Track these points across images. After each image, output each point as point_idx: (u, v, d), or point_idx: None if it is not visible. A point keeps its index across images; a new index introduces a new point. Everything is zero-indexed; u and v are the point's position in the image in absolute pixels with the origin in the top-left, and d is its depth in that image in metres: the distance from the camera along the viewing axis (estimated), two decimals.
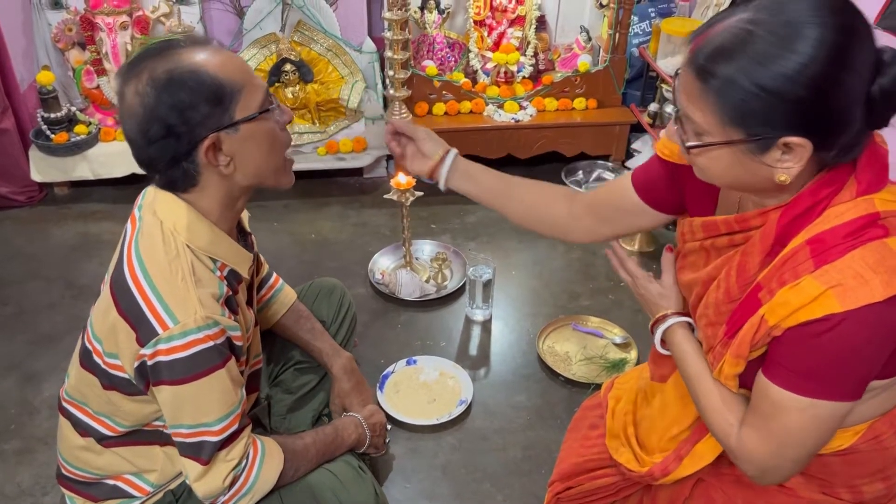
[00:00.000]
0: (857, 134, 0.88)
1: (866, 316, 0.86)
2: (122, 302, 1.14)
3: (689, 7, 2.99)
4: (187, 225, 1.16)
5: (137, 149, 1.13)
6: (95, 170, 2.82)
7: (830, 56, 0.81)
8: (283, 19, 2.94)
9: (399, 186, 2.19)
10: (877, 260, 0.86)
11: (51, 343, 2.18)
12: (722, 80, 0.85)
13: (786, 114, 0.84)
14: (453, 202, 2.87)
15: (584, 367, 2.07)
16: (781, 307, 0.90)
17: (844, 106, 0.84)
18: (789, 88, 0.82)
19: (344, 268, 2.49)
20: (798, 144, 0.86)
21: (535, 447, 1.84)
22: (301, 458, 1.35)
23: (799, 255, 0.91)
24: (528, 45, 2.93)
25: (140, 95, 1.08)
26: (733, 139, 0.88)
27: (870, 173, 0.92)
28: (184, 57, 1.09)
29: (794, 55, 0.81)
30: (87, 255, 2.59)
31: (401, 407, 1.91)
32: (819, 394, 0.92)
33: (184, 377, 1.14)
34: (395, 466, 1.79)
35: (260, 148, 1.16)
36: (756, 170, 0.90)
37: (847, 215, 0.90)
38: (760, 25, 0.83)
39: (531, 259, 2.57)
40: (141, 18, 2.85)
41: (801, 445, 0.96)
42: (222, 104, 1.10)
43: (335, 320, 1.72)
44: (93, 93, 2.89)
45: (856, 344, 0.88)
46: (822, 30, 0.81)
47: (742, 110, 0.85)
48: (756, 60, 0.83)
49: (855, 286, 0.86)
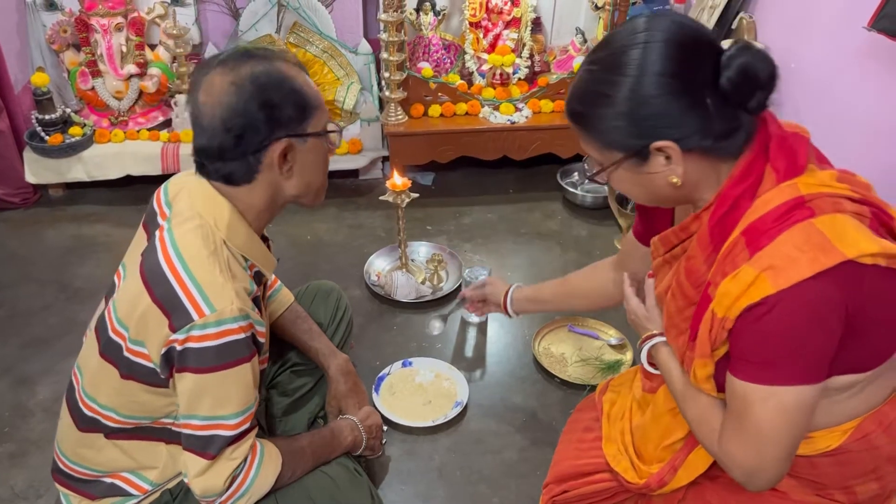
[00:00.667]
0: (726, 120, 0.96)
1: (798, 294, 0.90)
2: (157, 288, 1.15)
3: (685, 10, 2.99)
4: (228, 223, 1.21)
5: (210, 136, 1.17)
6: (90, 171, 2.81)
7: (658, 69, 0.94)
8: (278, 21, 2.93)
9: (394, 188, 2.19)
10: (803, 239, 0.92)
11: (44, 346, 2.17)
12: (584, 117, 1.02)
13: (642, 126, 0.97)
14: (449, 204, 2.87)
15: (580, 368, 2.07)
16: (724, 297, 0.96)
17: (688, 105, 0.95)
18: (637, 107, 0.96)
19: (339, 269, 2.49)
20: (666, 146, 0.97)
21: (530, 449, 1.84)
22: (298, 460, 1.35)
23: (736, 247, 0.97)
24: (523, 46, 2.93)
25: (236, 86, 1.14)
26: (616, 160, 1.02)
27: (783, 160, 0.99)
28: (282, 65, 1.19)
29: (628, 78, 0.96)
30: (82, 257, 2.58)
31: (396, 409, 1.91)
32: (774, 379, 0.94)
33: (210, 366, 1.15)
34: (391, 468, 1.78)
35: (316, 164, 1.26)
36: (653, 180, 1.02)
37: (774, 202, 0.96)
38: (596, 63, 1.01)
39: (527, 261, 2.57)
40: (136, 20, 2.85)
41: (777, 441, 0.96)
42: (304, 113, 1.20)
43: (332, 323, 1.73)
44: (87, 94, 2.88)
45: (795, 323, 0.92)
46: (644, 49, 0.95)
47: (609, 135, 1.01)
48: (598, 93, 0.99)
49: (784, 266, 0.91)
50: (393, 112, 2.75)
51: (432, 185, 3.00)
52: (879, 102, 1.99)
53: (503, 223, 2.77)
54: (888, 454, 1.07)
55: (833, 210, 0.95)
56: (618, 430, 1.34)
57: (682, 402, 1.11)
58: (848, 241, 0.91)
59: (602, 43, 1.02)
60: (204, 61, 1.22)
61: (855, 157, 2.12)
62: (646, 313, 1.23)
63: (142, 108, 2.94)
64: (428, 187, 2.99)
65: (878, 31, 1.74)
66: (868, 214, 0.98)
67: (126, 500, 1.33)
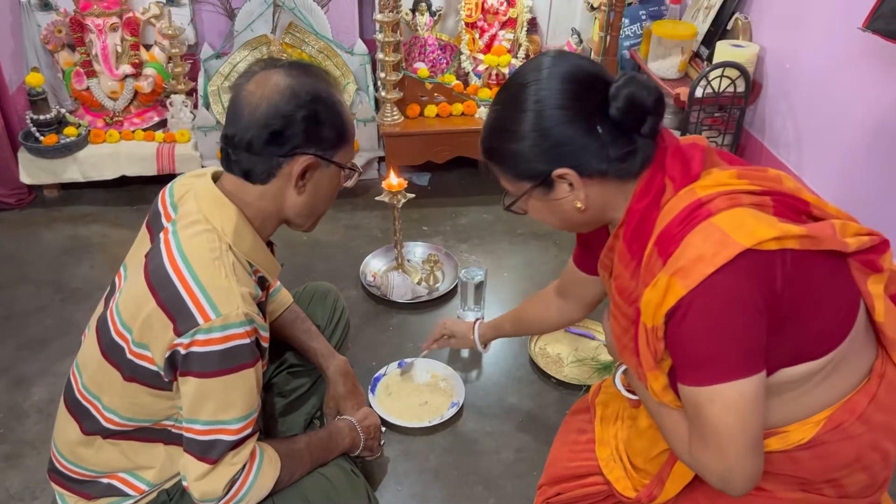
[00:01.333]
0: (620, 145, 1.03)
1: (707, 290, 0.94)
2: (162, 292, 1.15)
3: (680, 10, 3.00)
4: (235, 229, 1.22)
5: (245, 127, 1.18)
6: (85, 172, 2.81)
7: (548, 103, 1.02)
8: (274, 21, 2.93)
9: (391, 188, 2.19)
10: (703, 238, 0.96)
11: (41, 347, 2.17)
12: (494, 152, 1.11)
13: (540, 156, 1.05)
14: (445, 204, 2.87)
15: (576, 368, 2.07)
16: (647, 307, 1.00)
17: (579, 134, 1.03)
18: (532, 139, 1.04)
19: (335, 270, 2.48)
20: (566, 174, 1.05)
21: (527, 449, 1.84)
22: (296, 463, 1.35)
23: (651, 257, 1.02)
24: (519, 47, 2.93)
25: (293, 89, 1.17)
26: (524, 190, 1.10)
27: (677, 169, 1.05)
28: (340, 95, 1.25)
29: (522, 113, 1.04)
30: (78, 258, 2.57)
31: (393, 410, 1.91)
32: (712, 378, 0.96)
33: (214, 370, 1.15)
34: (387, 469, 1.78)
35: (328, 191, 1.29)
36: (561, 206, 1.09)
37: (676, 208, 1.01)
38: (499, 103, 1.10)
39: (523, 261, 2.57)
40: (131, 20, 2.84)
41: (733, 438, 0.97)
42: (338, 142, 1.24)
43: (329, 324, 1.73)
44: (82, 94, 2.88)
45: (712, 318, 0.95)
46: (535, 86, 1.04)
47: (515, 168, 1.09)
48: (505, 129, 1.07)
49: (690, 266, 0.95)
50: (389, 112, 2.75)
51: (428, 186, 3.00)
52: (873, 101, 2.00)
53: (499, 223, 2.77)
54: (870, 442, 1.07)
55: (730, 205, 0.99)
56: (611, 434, 1.35)
57: (657, 420, 1.14)
58: (745, 231, 0.95)
59: (505, 84, 1.12)
60: (269, 60, 1.24)
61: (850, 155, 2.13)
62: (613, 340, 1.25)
63: (137, 108, 2.93)
64: (424, 188, 2.99)
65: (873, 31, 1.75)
66: (770, 203, 1.02)
67: (123, 501, 1.33)
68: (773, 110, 2.52)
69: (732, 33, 2.67)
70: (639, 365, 1.08)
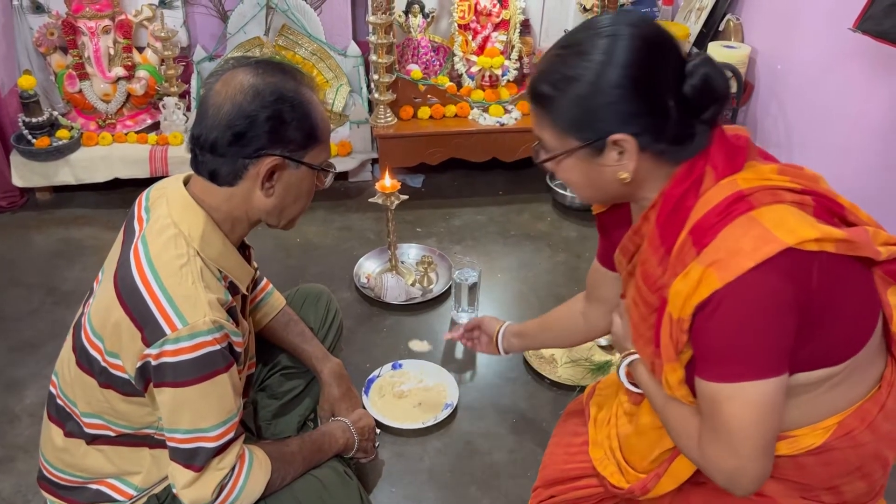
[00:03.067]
0: (682, 126, 0.99)
1: (745, 285, 0.91)
2: (129, 301, 1.14)
3: (672, 11, 3.01)
4: (202, 234, 1.20)
5: (210, 127, 1.16)
6: (78, 175, 2.80)
7: (636, 62, 0.96)
8: (267, 23, 2.93)
9: (384, 190, 2.19)
10: (744, 231, 0.93)
11: (32, 350, 2.16)
12: (553, 101, 1.01)
13: (606, 116, 0.98)
14: (439, 206, 2.87)
15: (570, 369, 2.07)
16: (676, 298, 0.97)
17: (655, 104, 0.97)
18: (606, 96, 0.96)
19: (329, 272, 2.48)
20: (624, 140, 0.98)
21: (520, 450, 1.84)
22: (288, 465, 1.34)
23: (685, 247, 0.98)
24: (512, 48, 2.93)
25: (256, 88, 1.15)
26: (571, 147, 1.02)
27: (722, 158, 1.01)
28: (308, 92, 1.20)
29: (606, 67, 0.96)
30: (70, 261, 2.56)
31: (386, 411, 1.91)
32: (736, 376, 0.95)
33: (187, 379, 1.14)
34: (381, 471, 1.78)
35: (299, 194, 1.25)
36: (602, 173, 1.03)
37: (715, 199, 0.97)
38: (567, 47, 1.01)
39: (517, 262, 2.57)
40: (123, 22, 2.84)
41: (748, 437, 0.95)
42: (307, 142, 1.20)
43: (322, 327, 1.72)
44: (75, 97, 2.87)
45: (746, 314, 0.92)
46: (628, 41, 0.96)
47: (573, 122, 1.00)
48: (565, 76, 0.99)
49: (728, 259, 0.92)
50: (382, 114, 2.75)
51: (422, 187, 3.00)
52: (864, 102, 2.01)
53: (493, 225, 2.77)
54: (873, 451, 1.07)
55: (772, 201, 0.97)
56: (604, 435, 1.35)
57: (663, 415, 1.12)
58: (787, 228, 0.92)
59: (574, 30, 1.03)
60: (240, 58, 1.22)
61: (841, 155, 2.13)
62: (622, 332, 1.23)
63: (129, 110, 2.92)
64: (417, 189, 2.99)
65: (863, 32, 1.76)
66: (811, 203, 1.00)
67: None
68: (765, 111, 2.53)
69: (724, 34, 2.68)
70: (656, 356, 1.05)
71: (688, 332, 0.98)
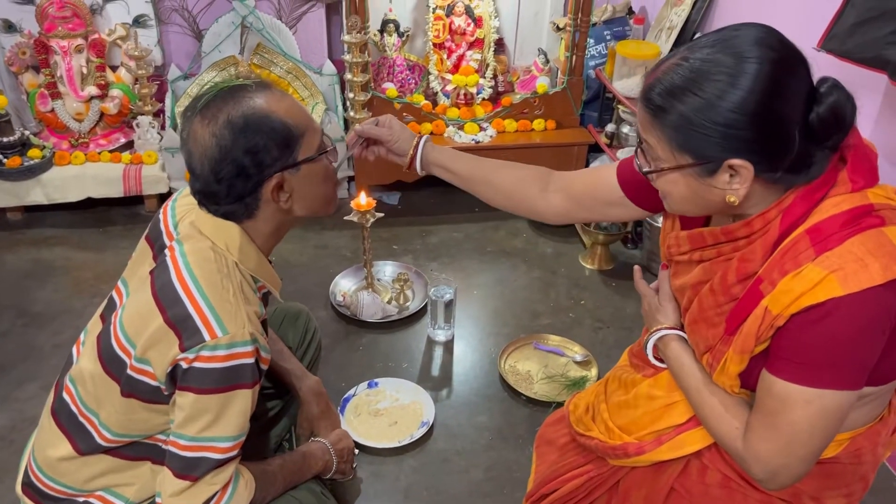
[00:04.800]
0: (804, 154, 0.94)
1: (866, 299, 0.89)
2: (171, 309, 1.15)
3: (643, 30, 3.05)
4: (240, 246, 1.22)
5: (204, 183, 1.18)
6: (50, 194, 2.77)
7: (767, 89, 0.90)
8: (242, 42, 2.93)
9: (360, 208, 2.19)
10: (875, 246, 0.91)
11: (2, 373, 2.12)
12: (672, 114, 0.95)
13: (728, 140, 0.92)
14: (415, 223, 2.88)
15: (546, 385, 2.07)
16: (784, 295, 0.93)
17: (780, 133, 0.92)
18: (731, 119, 0.91)
19: (304, 290, 2.47)
20: (741, 166, 0.93)
21: (497, 468, 1.84)
22: (269, 485, 1.33)
23: (799, 245, 0.95)
24: (487, 67, 2.96)
25: (216, 137, 1.14)
26: (683, 164, 0.97)
27: (863, 170, 0.98)
28: (256, 101, 1.16)
29: (735, 90, 0.90)
30: (41, 281, 2.53)
31: (362, 430, 1.89)
32: (824, 382, 0.94)
33: (212, 387, 1.14)
34: (358, 490, 1.77)
35: (316, 184, 1.25)
36: (709, 192, 0.98)
37: (843, 206, 0.95)
38: (704, 63, 0.93)
39: (493, 279, 2.58)
40: (97, 41, 2.82)
41: (809, 441, 0.96)
42: (289, 147, 1.18)
43: (301, 346, 1.71)
44: (47, 116, 2.85)
45: (857, 327, 0.91)
46: (760, 65, 0.90)
47: (690, 139, 0.95)
48: (701, 96, 0.92)
49: (856, 270, 0.90)
50: None
51: (398, 205, 3.01)
52: None
53: (469, 242, 2.78)
54: (864, 473, 1.10)
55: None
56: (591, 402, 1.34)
57: (696, 397, 1.10)
58: None
59: (714, 40, 0.95)
60: (188, 106, 1.20)
61: None
62: (658, 306, 1.22)
63: (103, 129, 2.90)
64: (394, 207, 2.99)
65: (827, 51, 1.79)
66: None
67: None
68: None
69: None
70: (724, 342, 1.04)
71: (777, 328, 0.96)
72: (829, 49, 1.80)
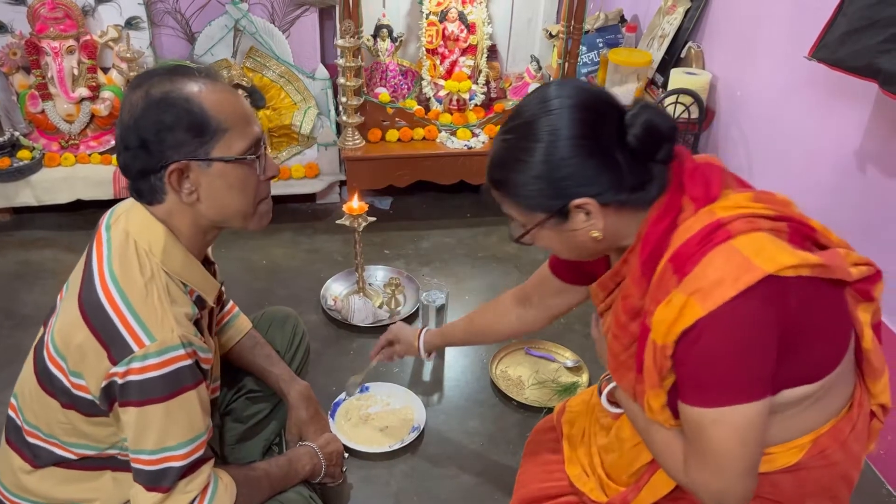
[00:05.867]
0: (638, 173, 1.02)
1: (727, 313, 0.93)
2: (95, 320, 1.12)
3: (636, 38, 3.07)
4: (163, 248, 1.18)
5: (117, 152, 1.17)
6: (39, 196, 2.75)
7: (572, 132, 1.00)
8: (234, 45, 2.93)
9: (352, 212, 2.18)
10: (725, 260, 0.95)
11: None
12: (509, 184, 1.06)
13: (561, 187, 1.02)
14: (407, 228, 2.88)
15: (537, 391, 2.07)
16: (661, 325, 0.99)
17: (603, 163, 1.01)
18: (554, 169, 1.01)
19: (295, 295, 2.46)
20: (585, 203, 1.02)
21: (488, 473, 1.83)
22: (254, 490, 1.32)
23: (665, 274, 1.00)
24: (479, 73, 2.97)
25: (132, 105, 1.12)
26: (539, 220, 1.06)
27: (699, 189, 1.04)
28: (186, 84, 1.13)
29: (544, 143, 1.01)
30: (29, 284, 2.51)
31: (352, 435, 1.89)
32: (720, 401, 0.97)
33: (155, 397, 1.12)
34: (348, 495, 1.76)
35: (229, 189, 1.18)
36: (575, 236, 1.07)
37: (694, 227, 1.00)
38: (511, 132, 1.06)
39: (484, 284, 2.58)
40: (88, 43, 2.81)
41: (735, 459, 0.98)
42: (201, 137, 1.13)
43: (289, 350, 1.70)
44: (37, 117, 2.83)
45: (730, 341, 0.95)
46: (559, 114, 1.01)
47: (532, 198, 1.05)
48: (522, 159, 1.03)
49: (710, 287, 0.94)
50: (350, 137, 2.75)
51: (390, 210, 3.01)
52: (820, 129, 2.06)
53: (461, 247, 2.78)
54: (843, 472, 1.09)
55: (750, 229, 0.99)
56: (583, 452, 1.35)
57: (646, 437, 1.13)
58: (766, 256, 0.94)
59: (514, 113, 1.08)
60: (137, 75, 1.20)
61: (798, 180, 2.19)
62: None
63: (94, 131, 2.89)
64: (386, 212, 2.99)
65: (818, 60, 1.81)
66: (785, 230, 1.03)
67: None
68: (726, 136, 2.59)
69: (686, 61, 2.74)
70: (638, 382, 1.07)
71: (671, 357, 1.00)
72: (819, 58, 1.81)
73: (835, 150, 2.00)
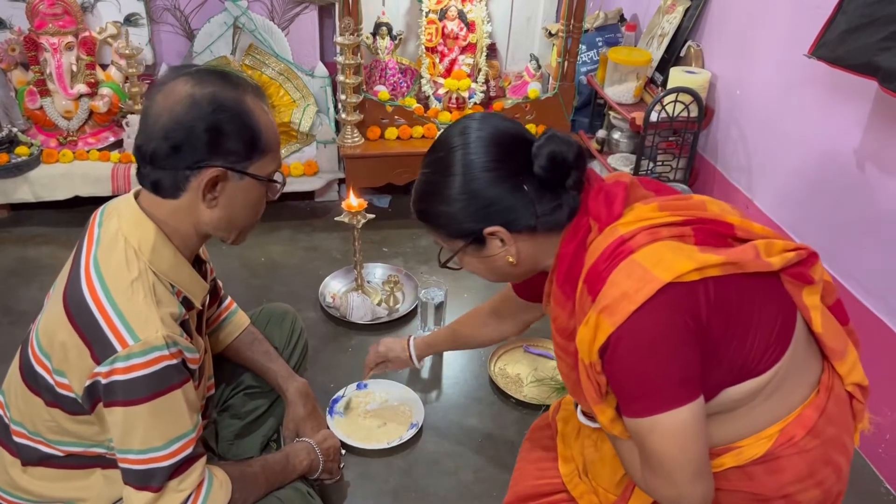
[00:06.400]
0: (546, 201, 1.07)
1: (634, 326, 0.97)
2: (79, 318, 1.11)
3: (635, 37, 3.07)
4: (153, 247, 1.17)
5: (148, 138, 1.13)
6: (37, 192, 2.74)
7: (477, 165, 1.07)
8: (234, 42, 2.93)
9: (350, 209, 2.18)
10: (626, 274, 0.99)
11: None
12: (430, 215, 1.14)
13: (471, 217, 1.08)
14: (406, 226, 2.87)
15: (536, 388, 2.07)
16: (583, 344, 1.03)
17: (507, 192, 1.07)
18: (463, 200, 1.08)
19: (294, 292, 2.46)
20: (496, 231, 1.09)
21: (486, 470, 1.83)
22: (250, 486, 1.31)
23: (582, 295, 1.05)
24: (479, 71, 2.97)
25: (193, 100, 1.11)
26: (459, 247, 1.14)
27: (601, 210, 1.08)
28: (250, 98, 1.17)
29: (453, 177, 1.08)
30: (26, 280, 2.50)
31: (351, 431, 1.88)
32: (649, 410, 0.99)
33: (140, 397, 1.11)
34: (346, 492, 1.76)
35: (247, 204, 1.22)
36: (494, 261, 1.14)
37: (601, 246, 1.04)
38: (428, 167, 1.13)
39: (482, 282, 2.55)
40: (87, 39, 2.81)
41: (680, 463, 0.99)
42: (250, 153, 1.17)
43: (287, 347, 1.70)
44: (35, 114, 2.82)
45: (641, 352, 0.97)
46: (464, 149, 1.08)
47: (450, 227, 1.12)
48: (437, 192, 1.11)
49: (615, 302, 0.98)
50: (349, 134, 2.75)
51: (389, 208, 3.00)
52: (820, 127, 2.07)
53: None
54: (822, 457, 1.09)
55: (650, 241, 1.02)
56: (576, 451, 1.36)
57: (615, 448, 1.16)
58: (664, 266, 0.97)
59: (432, 148, 1.15)
60: (181, 66, 1.19)
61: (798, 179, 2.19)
62: None
63: (92, 128, 2.88)
64: (384, 209, 2.99)
65: (818, 58, 1.81)
66: (690, 233, 1.05)
67: None
68: (725, 135, 2.59)
69: (685, 60, 2.74)
70: (585, 400, 1.10)
71: (602, 373, 1.03)
72: (819, 56, 1.81)
73: (834, 148, 2.00)
